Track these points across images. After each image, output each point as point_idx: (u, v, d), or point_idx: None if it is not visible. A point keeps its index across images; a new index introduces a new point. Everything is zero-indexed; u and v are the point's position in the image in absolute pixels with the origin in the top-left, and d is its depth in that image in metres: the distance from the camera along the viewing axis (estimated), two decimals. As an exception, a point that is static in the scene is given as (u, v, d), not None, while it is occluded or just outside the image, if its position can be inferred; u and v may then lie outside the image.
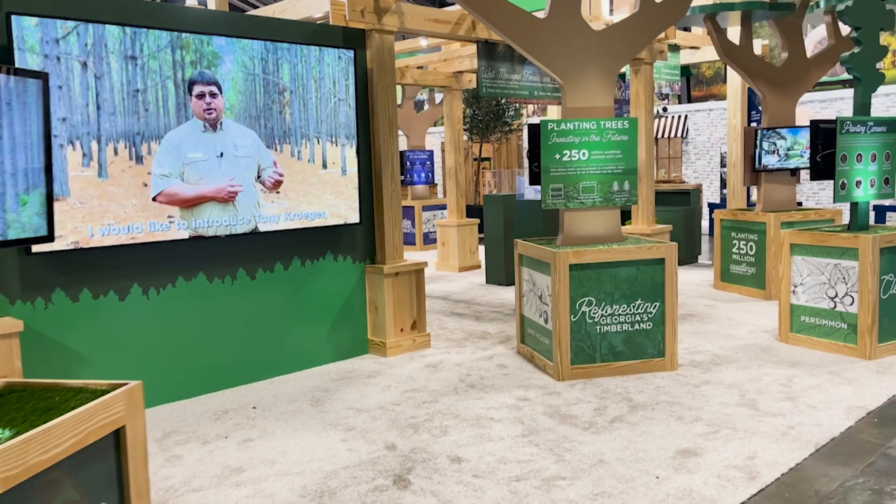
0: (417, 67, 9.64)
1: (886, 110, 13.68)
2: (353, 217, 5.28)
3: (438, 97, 13.85)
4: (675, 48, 9.22)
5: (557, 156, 4.92)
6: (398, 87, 15.83)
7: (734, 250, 7.68)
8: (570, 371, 4.75)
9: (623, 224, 8.91)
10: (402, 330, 5.57)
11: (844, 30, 8.12)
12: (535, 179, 5.18)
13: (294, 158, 4.91)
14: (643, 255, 4.80)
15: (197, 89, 4.35)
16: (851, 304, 5.09)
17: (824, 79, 15.75)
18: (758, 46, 9.17)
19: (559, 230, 5.12)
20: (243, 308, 4.84)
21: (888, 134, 5.30)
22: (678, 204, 10.13)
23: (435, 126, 19.51)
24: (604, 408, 4.19)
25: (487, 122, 15.67)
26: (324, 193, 5.09)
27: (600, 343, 4.82)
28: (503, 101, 15.28)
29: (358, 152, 5.28)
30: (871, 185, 5.30)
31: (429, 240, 12.69)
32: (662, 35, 7.56)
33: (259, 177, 4.69)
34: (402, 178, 12.81)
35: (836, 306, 5.19)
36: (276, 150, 4.79)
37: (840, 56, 5.12)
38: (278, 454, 3.66)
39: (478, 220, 10.18)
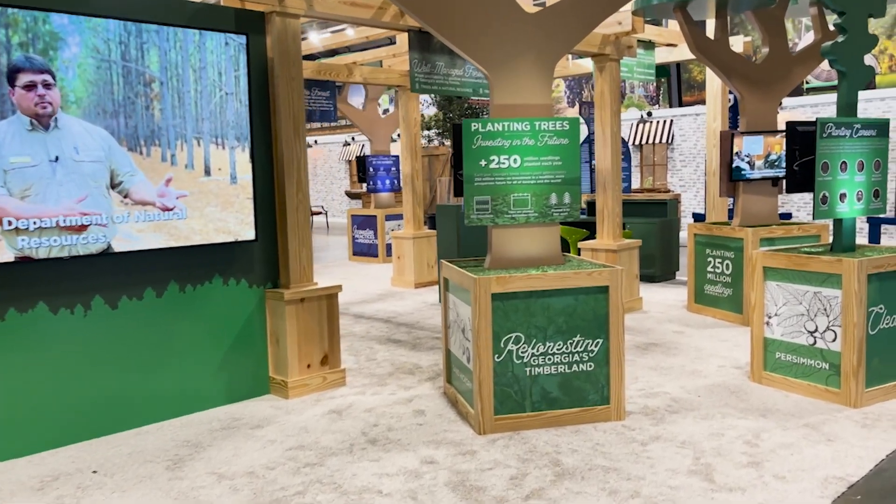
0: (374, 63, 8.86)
1: (882, 116, 12.92)
2: (247, 233, 4.46)
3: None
4: (649, 45, 8.43)
5: (483, 162, 4.12)
6: (360, 88, 15.02)
7: (709, 269, 6.87)
8: (493, 423, 3.93)
9: (587, 239, 8.11)
10: (308, 366, 4.74)
11: (833, 24, 7.33)
12: (459, 190, 4.37)
13: (166, 164, 4.09)
14: (582, 283, 3.99)
15: (24, 78, 3.53)
16: (834, 340, 4.27)
17: (817, 84, 14.99)
18: (739, 43, 8.39)
19: (487, 250, 4.31)
20: (102, 344, 4.01)
21: (877, 138, 4.50)
22: (655, 215, 9.33)
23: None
24: (523, 476, 3.37)
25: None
26: (206, 205, 4.27)
27: (531, 388, 4.00)
28: (477, 102, 14.51)
29: (252, 157, 4.46)
30: (858, 199, 4.49)
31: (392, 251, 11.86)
32: (630, 28, 6.76)
33: (114, 185, 3.86)
34: (366, 185, 12.00)
35: (815, 342, 4.37)
36: (140, 152, 3.97)
37: (821, 46, 4.34)
38: (87, 545, 2.83)
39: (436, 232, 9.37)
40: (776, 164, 6.35)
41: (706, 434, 3.82)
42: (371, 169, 11.69)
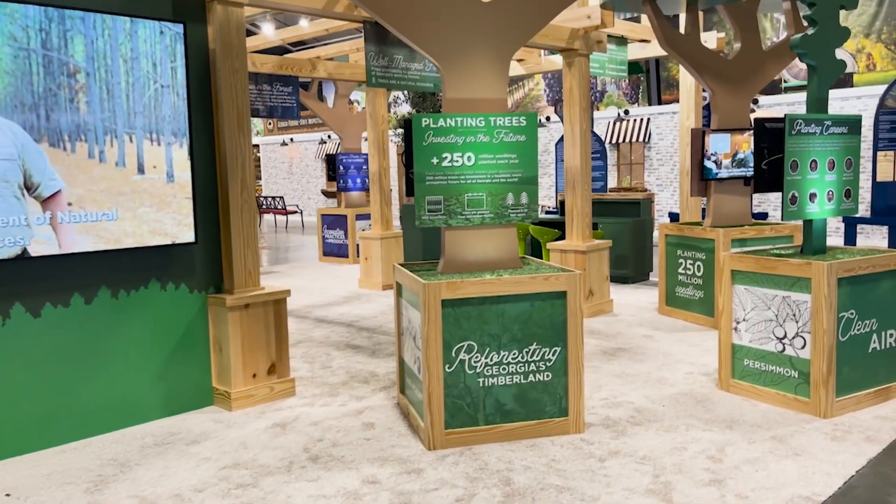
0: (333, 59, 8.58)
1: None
2: (186, 235, 4.18)
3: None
4: (622, 41, 8.23)
5: (435, 160, 3.87)
6: (335, 84, 14.76)
7: (680, 270, 6.68)
8: (443, 437, 3.69)
9: (557, 240, 7.90)
10: (254, 376, 4.48)
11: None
12: (411, 189, 4.12)
13: (94, 160, 3.81)
14: (539, 288, 3.76)
15: (-74, 67, 3.24)
16: (803, 347, 4.08)
17: (795, 83, 14.92)
18: (713, 39, 8.21)
19: (441, 253, 4.07)
20: (23, 355, 3.72)
21: (849, 136, 4.31)
22: (628, 215, 9.14)
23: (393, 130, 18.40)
24: (469, 497, 3.13)
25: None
26: (140, 205, 3.99)
27: (484, 400, 3.76)
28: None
29: (192, 154, 4.18)
30: (829, 199, 4.30)
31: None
32: (599, 22, 6.55)
33: (29, 185, 3.57)
34: (337, 183, 11.71)
35: (784, 349, 4.18)
36: (63, 148, 3.69)
37: (790, 39, 4.14)
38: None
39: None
40: (743, 163, 6.17)
41: (668, 448, 3.61)
42: (341, 167, 11.41)
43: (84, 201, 3.78)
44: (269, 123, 26.09)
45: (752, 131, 6.11)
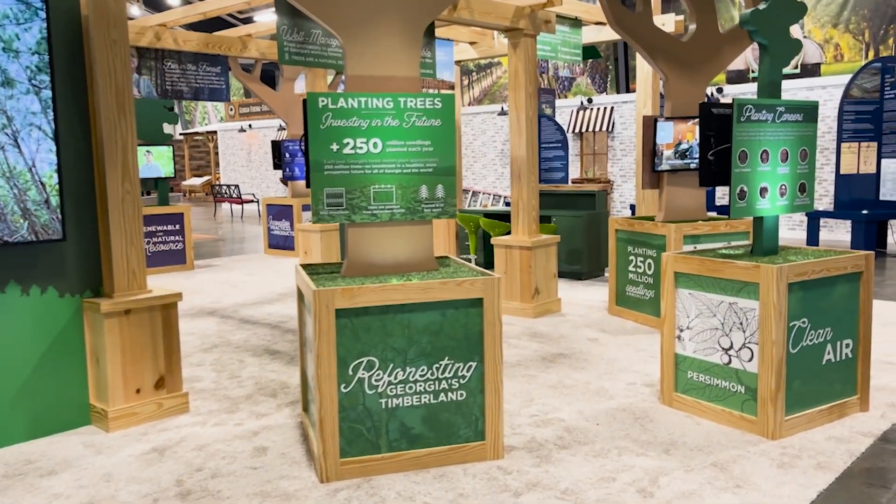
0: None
1: (823, 104, 12.56)
2: (51, 231, 3.62)
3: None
4: (576, 23, 7.76)
5: (335, 146, 3.36)
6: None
7: (630, 268, 6.25)
8: (338, 468, 3.19)
9: (505, 234, 7.43)
10: (138, 391, 3.94)
11: None
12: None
13: (-74, 144, 3.22)
14: (451, 294, 3.27)
15: None
16: (750, 359, 3.66)
17: (760, 71, 14.59)
18: (671, 22, 7.77)
19: (343, 254, 3.57)
20: None
21: (804, 124, 3.88)
22: (583, 207, 8.70)
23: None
24: (353, 546, 2.65)
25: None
26: (-11, 198, 3.41)
27: (387, 424, 3.27)
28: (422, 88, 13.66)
29: (56, 138, 3.61)
30: (782, 194, 3.87)
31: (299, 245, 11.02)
32: (545, 0, 6.07)
33: None
34: (282, 172, 11.11)
35: (730, 361, 3.75)
36: None
37: (741, 15, 3.69)
38: None
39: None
40: (687, 154, 5.75)
41: (595, 478, 3.16)
42: (287, 154, 10.81)
43: (-85, 192, 3.20)
44: (231, 109, 25.25)
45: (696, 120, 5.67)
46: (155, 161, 9.24)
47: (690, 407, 3.94)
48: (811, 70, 14.55)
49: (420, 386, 3.29)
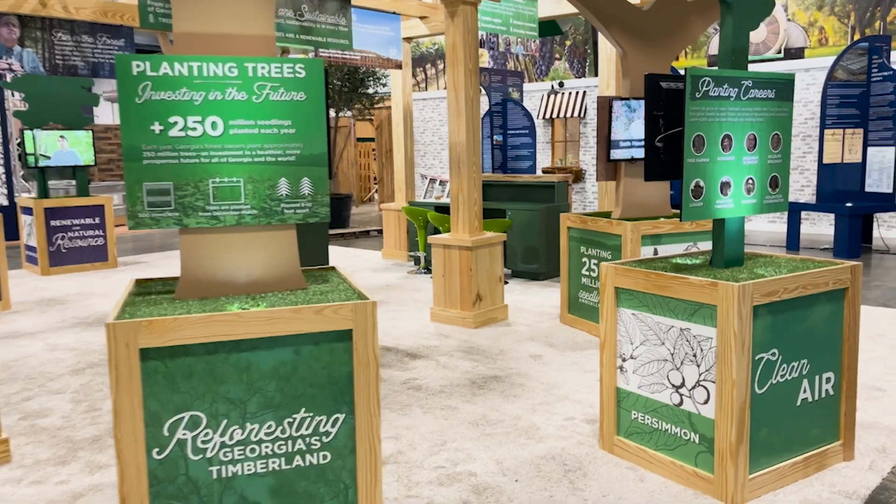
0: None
1: (805, 88, 11.81)
2: None
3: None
4: (531, -6, 6.94)
5: (157, 126, 2.52)
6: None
7: (584, 272, 5.47)
8: (151, 559, 2.38)
9: (439, 233, 6.61)
10: (-65, 440, 3.11)
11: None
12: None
13: None
14: (306, 326, 2.46)
15: None
16: (706, 401, 2.88)
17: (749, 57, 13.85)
18: (637, -6, 6.96)
19: (181, 268, 2.74)
20: None
21: (777, 103, 3.09)
22: (541, 200, 7.90)
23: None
24: None
25: (342, 93, 13.00)
26: None
27: (221, 499, 2.46)
28: (361, 67, 12.79)
29: None
30: (748, 191, 3.09)
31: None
32: (486, -39, 5.24)
33: None
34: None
35: (682, 402, 2.98)
36: None
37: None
38: None
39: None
40: (633, 142, 4.96)
41: (495, 571, 2.37)
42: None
43: None
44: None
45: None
46: (71, 147, 8.32)
47: (634, 455, 3.17)
48: (795, 54, 13.83)
49: (266, 448, 2.48)
